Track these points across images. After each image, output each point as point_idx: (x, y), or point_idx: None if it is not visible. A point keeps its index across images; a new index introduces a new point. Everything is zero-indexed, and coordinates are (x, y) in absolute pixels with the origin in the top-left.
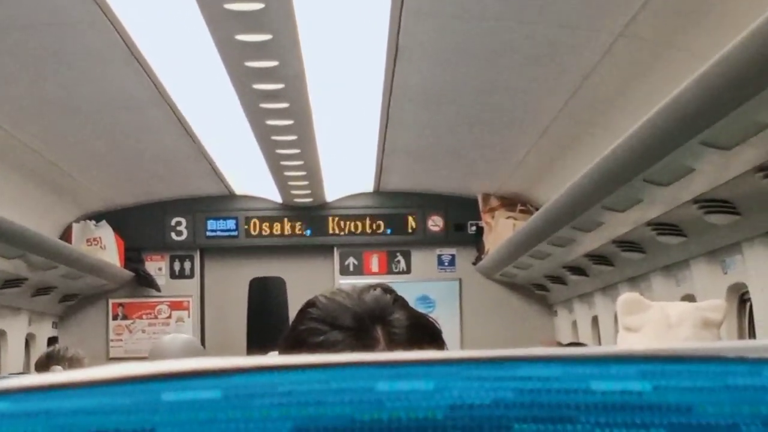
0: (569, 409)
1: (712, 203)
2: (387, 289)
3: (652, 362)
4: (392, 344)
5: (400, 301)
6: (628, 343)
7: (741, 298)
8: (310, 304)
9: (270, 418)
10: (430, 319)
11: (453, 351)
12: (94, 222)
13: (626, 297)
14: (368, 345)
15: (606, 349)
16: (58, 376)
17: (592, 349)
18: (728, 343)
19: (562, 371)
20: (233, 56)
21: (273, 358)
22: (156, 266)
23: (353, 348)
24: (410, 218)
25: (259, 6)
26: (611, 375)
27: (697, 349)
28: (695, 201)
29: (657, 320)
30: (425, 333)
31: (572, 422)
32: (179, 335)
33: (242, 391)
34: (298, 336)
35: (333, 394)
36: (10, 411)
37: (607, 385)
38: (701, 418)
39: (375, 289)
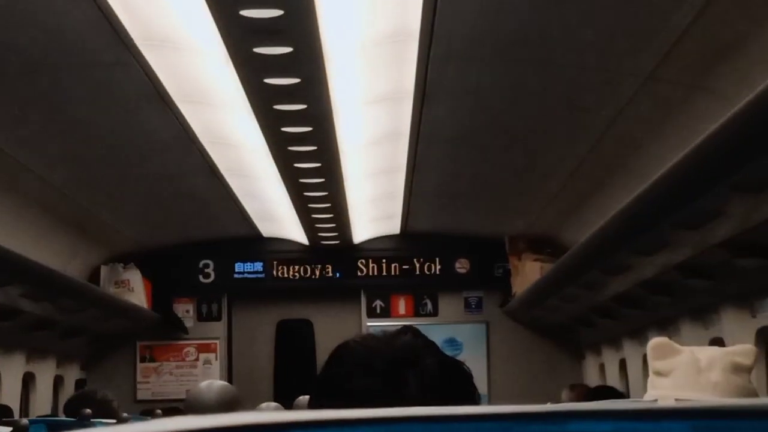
0: None
1: (740, 246)
2: (418, 334)
3: (704, 418)
4: (423, 390)
5: (431, 347)
6: (658, 387)
7: None
8: (342, 349)
9: None
10: (461, 365)
11: (503, 406)
12: (122, 264)
13: (656, 341)
14: (399, 391)
15: (658, 404)
16: (113, 429)
17: (643, 404)
18: None
19: (614, 427)
20: (262, 99)
21: (327, 413)
22: (184, 308)
23: (385, 393)
24: (437, 261)
25: (288, 50)
26: (663, 431)
27: (749, 405)
28: (724, 244)
29: (687, 365)
30: (456, 379)
31: None
32: (215, 382)
33: None
34: (330, 381)
35: None
36: None
37: None
38: None
39: (405, 334)
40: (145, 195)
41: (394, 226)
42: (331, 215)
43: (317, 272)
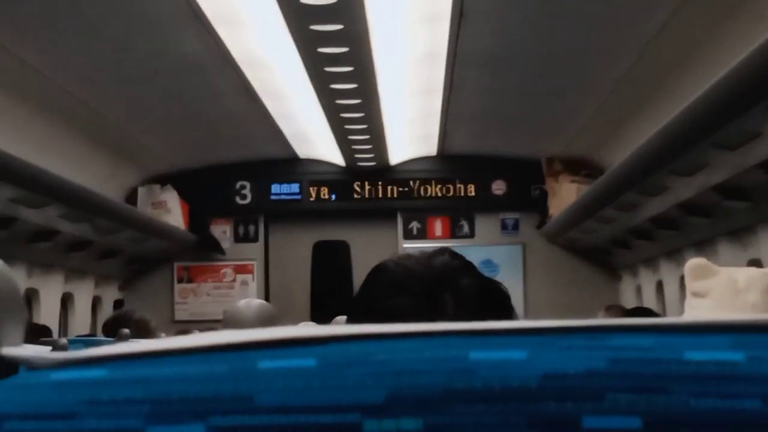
0: (662, 379)
1: None
2: (455, 255)
3: (746, 332)
4: (461, 310)
5: (468, 267)
6: (696, 308)
7: None
8: (379, 269)
9: (365, 387)
10: (499, 285)
11: (545, 320)
12: (159, 185)
13: (694, 262)
14: (437, 310)
15: (700, 319)
16: (156, 342)
17: (685, 319)
18: None
19: (655, 341)
20: (298, 19)
21: (367, 327)
22: (221, 230)
23: (422, 313)
24: (474, 182)
25: None
26: (705, 345)
27: None
28: (762, 165)
29: (725, 286)
30: (494, 299)
31: (666, 392)
32: (253, 300)
33: (337, 359)
34: (367, 301)
35: (426, 363)
36: (110, 378)
37: (701, 355)
38: None
39: (443, 255)
40: (182, 116)
41: (430, 148)
42: (368, 137)
43: (354, 194)
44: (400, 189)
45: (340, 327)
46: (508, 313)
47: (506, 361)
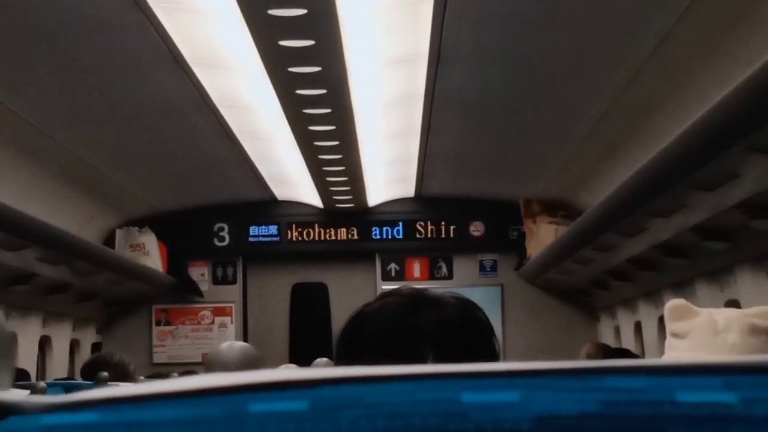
0: (656, 421)
1: (757, 208)
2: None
3: (739, 373)
4: (442, 321)
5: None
6: (675, 349)
7: None
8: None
9: (357, 429)
10: (482, 311)
11: (538, 362)
12: (137, 228)
13: (674, 303)
14: (419, 316)
15: (692, 360)
16: (147, 386)
17: (677, 361)
18: None
19: (648, 383)
20: (276, 62)
21: (359, 369)
22: (199, 272)
23: (408, 312)
24: (452, 224)
25: (302, 12)
26: (697, 386)
27: None
28: (740, 206)
29: (704, 326)
30: (473, 312)
31: None
32: (236, 343)
33: (329, 402)
34: (359, 309)
35: (419, 405)
36: (102, 422)
37: (694, 396)
38: None
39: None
40: (160, 158)
41: (408, 190)
42: (346, 178)
43: (332, 235)
44: (379, 231)
45: (331, 369)
46: (488, 331)
47: (499, 403)
